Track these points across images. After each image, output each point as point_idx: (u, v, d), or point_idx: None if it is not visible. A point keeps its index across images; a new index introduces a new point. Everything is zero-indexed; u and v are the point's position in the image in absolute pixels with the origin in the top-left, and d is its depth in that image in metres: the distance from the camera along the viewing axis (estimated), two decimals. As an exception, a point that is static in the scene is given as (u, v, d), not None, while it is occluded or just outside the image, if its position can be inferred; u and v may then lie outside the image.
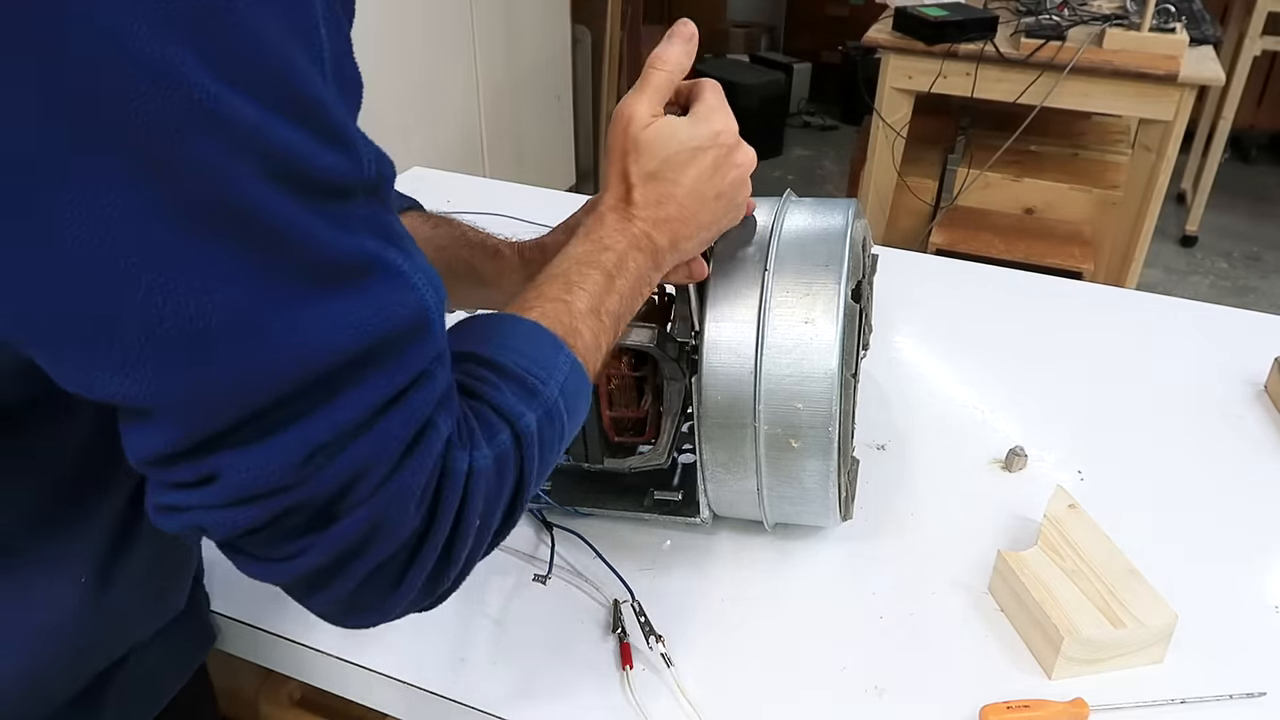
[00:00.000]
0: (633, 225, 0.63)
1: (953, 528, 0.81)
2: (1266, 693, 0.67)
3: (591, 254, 0.61)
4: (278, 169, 0.37)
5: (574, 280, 0.59)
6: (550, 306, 0.57)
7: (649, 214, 0.63)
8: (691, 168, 0.64)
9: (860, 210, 0.75)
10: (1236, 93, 3.12)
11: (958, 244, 2.31)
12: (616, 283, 0.60)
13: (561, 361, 0.54)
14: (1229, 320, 1.14)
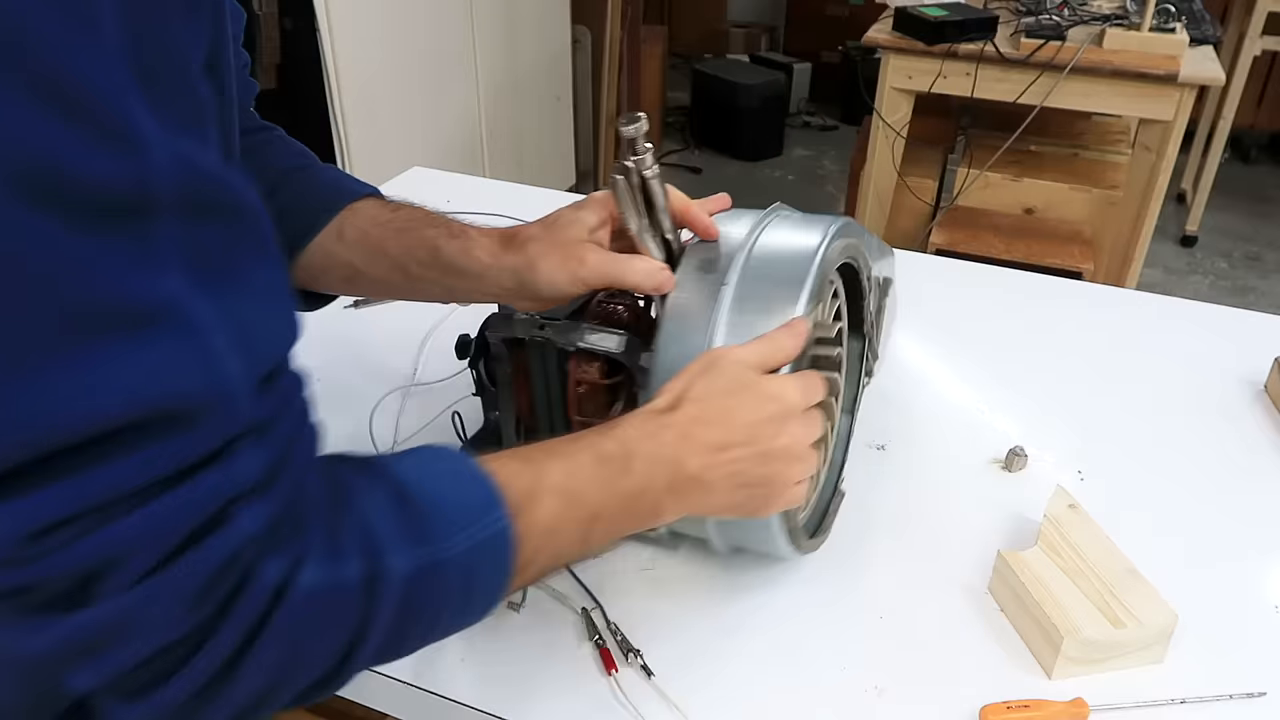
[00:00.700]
0: (663, 430, 0.57)
1: (953, 528, 0.81)
2: (1266, 693, 0.67)
3: (593, 435, 0.55)
4: (22, 177, 0.29)
5: (559, 452, 0.53)
6: (516, 465, 0.50)
7: (689, 429, 0.57)
8: (750, 404, 0.59)
9: (853, 229, 0.72)
10: (1236, 93, 3.12)
11: (958, 244, 2.30)
12: (608, 474, 0.53)
13: (487, 523, 0.46)
14: (1229, 320, 1.14)
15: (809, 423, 0.62)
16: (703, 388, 0.59)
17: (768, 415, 0.59)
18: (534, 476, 0.50)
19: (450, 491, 0.45)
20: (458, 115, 2.71)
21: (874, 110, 2.39)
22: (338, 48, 2.14)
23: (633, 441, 0.55)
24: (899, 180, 2.46)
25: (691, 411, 0.58)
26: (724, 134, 4.17)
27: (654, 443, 0.56)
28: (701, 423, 0.58)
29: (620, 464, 0.54)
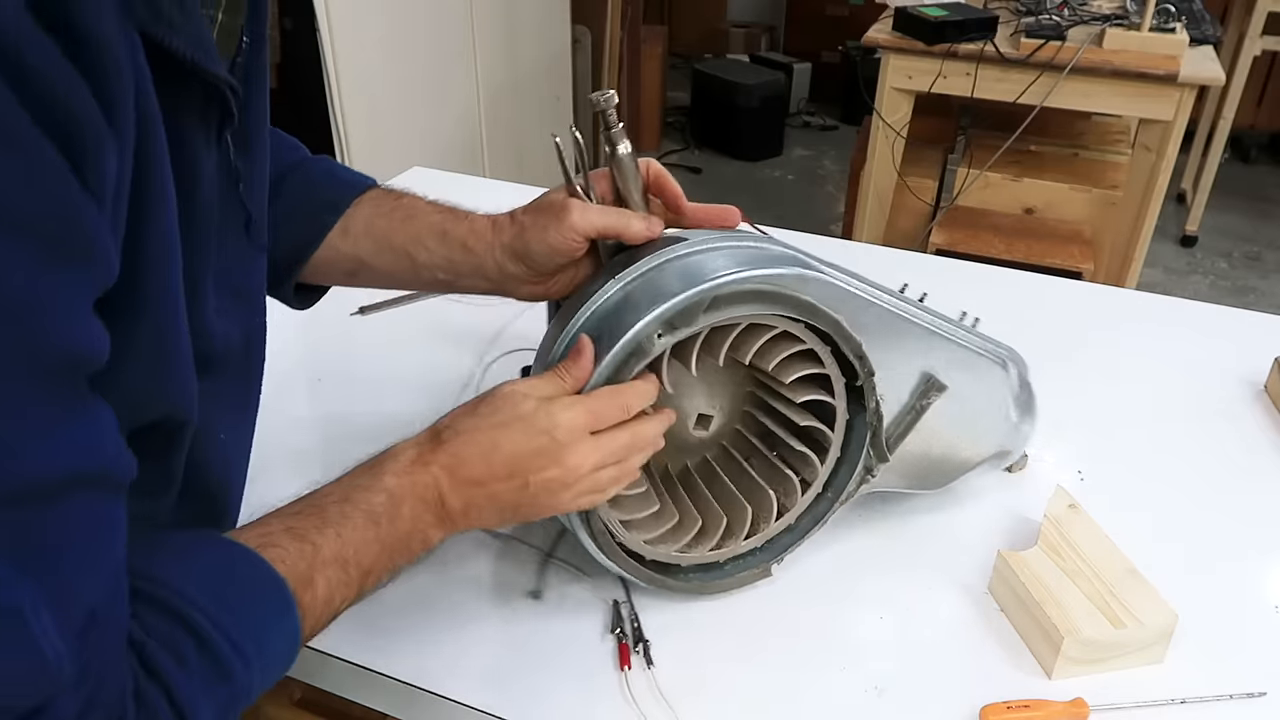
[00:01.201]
0: (425, 472, 0.58)
1: (953, 528, 0.81)
2: (1266, 693, 0.67)
3: (363, 490, 0.56)
4: None
5: (330, 519, 0.54)
6: (293, 548, 0.51)
7: (448, 466, 0.58)
8: (511, 440, 0.59)
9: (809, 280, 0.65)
10: (1236, 93, 3.12)
11: (958, 244, 2.31)
12: (380, 531, 0.55)
13: (282, 630, 0.49)
14: (1229, 320, 1.14)
15: (594, 448, 0.61)
16: (470, 421, 0.60)
17: (534, 448, 0.59)
18: (310, 556, 0.52)
19: (248, 614, 0.47)
20: (458, 115, 2.71)
21: (874, 110, 2.39)
22: (338, 48, 2.14)
23: (398, 490, 0.57)
24: (899, 180, 2.46)
25: (452, 448, 0.59)
26: (724, 134, 4.17)
27: (417, 486, 0.58)
28: (460, 459, 0.59)
29: (389, 516, 0.56)
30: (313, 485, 0.84)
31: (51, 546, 0.38)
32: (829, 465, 0.75)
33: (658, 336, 0.62)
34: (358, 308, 1.07)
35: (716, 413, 0.74)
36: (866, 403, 0.72)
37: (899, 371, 0.73)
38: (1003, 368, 0.78)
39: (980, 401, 0.78)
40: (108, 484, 0.41)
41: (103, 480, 0.40)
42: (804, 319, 0.67)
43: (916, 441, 0.76)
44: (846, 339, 0.68)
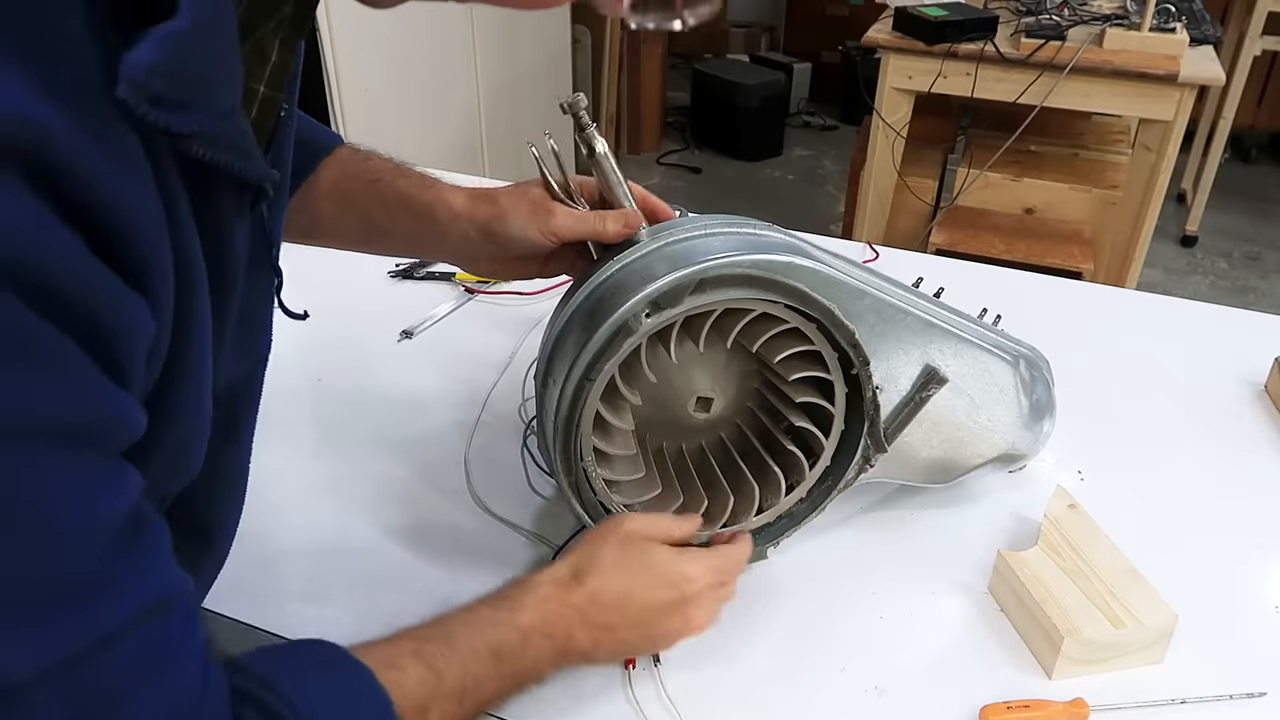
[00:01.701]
0: (561, 611, 0.59)
1: (953, 528, 0.81)
2: (1266, 693, 0.67)
3: (497, 624, 0.57)
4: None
5: (458, 647, 0.55)
6: (415, 674, 0.52)
7: (586, 610, 0.60)
8: (646, 590, 0.62)
9: (794, 270, 0.66)
10: (1236, 93, 3.12)
11: (958, 244, 2.31)
12: (504, 668, 0.56)
13: None
14: (1229, 320, 1.15)
15: (712, 602, 0.65)
16: (608, 562, 0.62)
17: (665, 601, 0.62)
18: (433, 685, 0.52)
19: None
20: (458, 115, 2.71)
21: (874, 110, 2.39)
22: (338, 48, 2.14)
23: (529, 627, 0.58)
24: (899, 180, 2.46)
25: (590, 589, 0.61)
26: (724, 134, 4.17)
27: (550, 624, 0.59)
28: (599, 604, 0.61)
29: (516, 655, 0.57)
30: (312, 486, 0.84)
31: (114, 690, 0.38)
32: (828, 454, 0.75)
33: (645, 316, 0.64)
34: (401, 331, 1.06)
35: (717, 396, 0.75)
36: (863, 392, 0.72)
37: (897, 362, 0.73)
38: (1013, 366, 0.78)
39: (986, 398, 0.78)
40: (167, 606, 0.41)
41: (163, 606, 0.41)
42: (795, 305, 0.67)
43: (918, 434, 0.76)
44: (839, 326, 0.68)
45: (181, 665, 0.41)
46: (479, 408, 0.94)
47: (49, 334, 0.33)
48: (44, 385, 0.34)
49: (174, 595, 0.41)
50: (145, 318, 0.38)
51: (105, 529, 0.38)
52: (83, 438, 0.36)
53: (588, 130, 0.70)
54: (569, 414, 0.66)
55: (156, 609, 0.40)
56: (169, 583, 0.41)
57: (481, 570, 0.76)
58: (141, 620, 0.39)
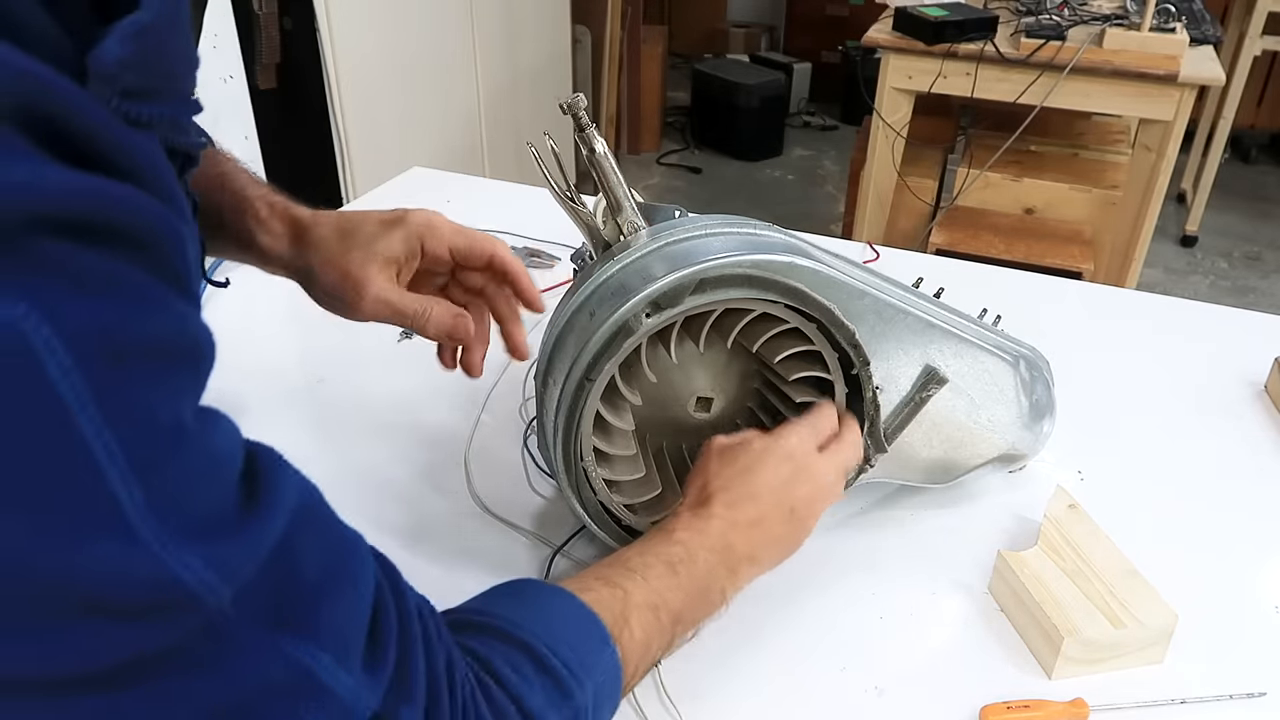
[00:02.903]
0: (709, 524, 0.62)
1: (953, 528, 0.81)
2: (1266, 693, 0.67)
3: (658, 545, 0.60)
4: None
5: (634, 567, 0.57)
6: (606, 592, 0.55)
7: (727, 515, 0.63)
8: (765, 475, 0.65)
9: (796, 271, 0.66)
10: (1236, 93, 3.12)
11: (958, 244, 2.31)
12: (681, 578, 0.58)
13: (604, 661, 0.51)
14: (1229, 320, 1.15)
15: (830, 459, 0.68)
16: (720, 474, 0.65)
17: (785, 476, 0.66)
18: (623, 599, 0.55)
19: (574, 641, 0.50)
20: (458, 115, 2.71)
21: (874, 110, 2.39)
22: (338, 48, 2.14)
23: (692, 542, 0.61)
24: (899, 180, 2.46)
25: (723, 499, 0.64)
26: (724, 134, 4.17)
27: (706, 537, 0.62)
28: (736, 508, 0.63)
29: (688, 565, 0.59)
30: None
31: (305, 589, 0.38)
32: None
33: (645, 316, 0.64)
34: (401, 331, 1.06)
35: (718, 396, 0.75)
36: (863, 392, 0.72)
37: (897, 362, 0.73)
38: (1014, 366, 0.78)
39: (986, 398, 0.78)
40: (313, 500, 0.41)
41: (310, 504, 0.41)
42: (794, 305, 0.67)
43: (918, 434, 0.76)
44: (839, 326, 0.69)
45: (350, 557, 0.42)
46: (479, 408, 0.94)
47: (114, 265, 0.32)
48: (131, 309, 0.33)
49: (317, 495, 0.42)
50: (191, 238, 0.37)
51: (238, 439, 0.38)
52: (192, 357, 0.36)
53: (587, 130, 0.70)
54: (569, 414, 0.66)
55: (307, 506, 0.40)
56: (307, 484, 0.41)
57: (481, 570, 0.76)
58: (302, 518, 0.39)
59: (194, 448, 0.34)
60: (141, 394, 0.32)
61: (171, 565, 0.32)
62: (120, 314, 0.32)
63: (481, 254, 0.70)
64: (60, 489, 0.30)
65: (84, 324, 0.30)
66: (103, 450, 0.30)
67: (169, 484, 0.33)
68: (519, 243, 1.23)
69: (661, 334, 0.68)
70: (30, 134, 0.30)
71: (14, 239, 0.29)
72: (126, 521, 0.31)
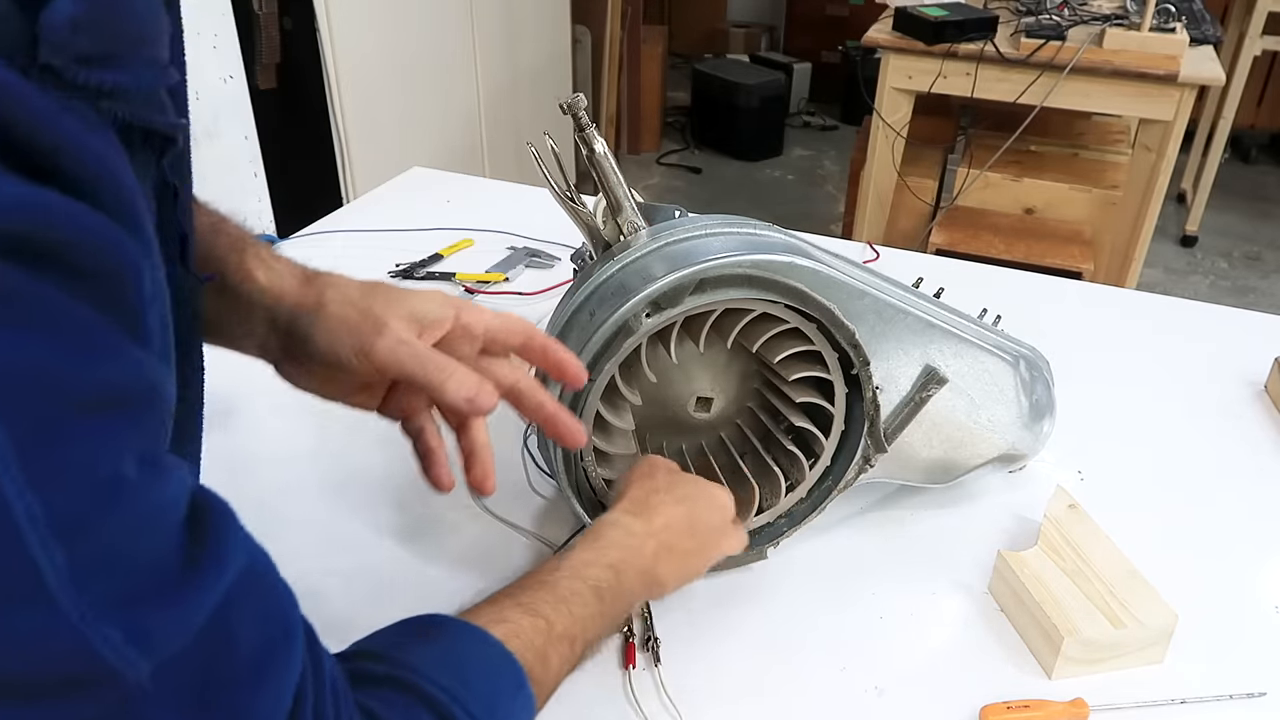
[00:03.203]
0: (645, 544, 0.62)
1: (953, 528, 0.81)
2: (1266, 693, 0.67)
3: (591, 564, 0.58)
4: None
5: (562, 594, 0.55)
6: (527, 623, 0.52)
7: (663, 536, 0.63)
8: (705, 513, 0.66)
9: (797, 269, 0.66)
10: (1236, 93, 3.12)
11: (958, 244, 2.30)
12: (605, 605, 0.57)
13: (516, 708, 0.49)
14: (1229, 320, 1.15)
15: (734, 533, 0.69)
16: (665, 495, 0.66)
17: (718, 523, 0.67)
18: (545, 632, 0.53)
19: (485, 690, 0.47)
20: (458, 115, 2.71)
21: (874, 110, 2.39)
22: (338, 48, 2.14)
23: (623, 564, 0.60)
24: (899, 180, 2.46)
25: (662, 520, 0.64)
26: (724, 134, 4.17)
27: (639, 559, 0.61)
28: (671, 530, 0.64)
29: (614, 592, 0.58)
30: (312, 486, 0.84)
31: (236, 672, 0.36)
32: (828, 453, 0.75)
33: (645, 316, 0.64)
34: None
35: (718, 395, 0.75)
36: (863, 392, 0.72)
37: (897, 362, 0.73)
38: (1013, 366, 0.78)
39: (986, 398, 0.78)
40: (261, 566, 0.39)
41: (256, 569, 0.38)
42: (794, 305, 0.67)
43: (918, 434, 0.76)
44: (839, 326, 0.69)
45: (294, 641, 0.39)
46: (479, 408, 0.94)
47: (68, 305, 0.30)
48: (70, 351, 0.30)
49: (265, 560, 0.39)
50: (149, 269, 0.34)
51: (180, 502, 0.35)
52: (139, 405, 0.33)
53: (587, 131, 0.70)
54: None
55: (249, 574, 0.37)
56: (257, 547, 0.39)
57: (481, 570, 0.76)
58: (243, 588, 0.36)
59: (131, 502, 0.32)
60: (75, 449, 0.29)
61: (90, 638, 0.30)
62: (57, 355, 0.29)
63: (517, 331, 0.61)
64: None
65: (13, 364, 0.27)
66: (23, 513, 0.28)
67: (98, 546, 0.30)
68: (519, 243, 1.23)
69: (661, 334, 0.68)
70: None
71: None
72: (46, 590, 0.29)
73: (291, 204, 1.96)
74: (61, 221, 0.29)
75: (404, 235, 1.23)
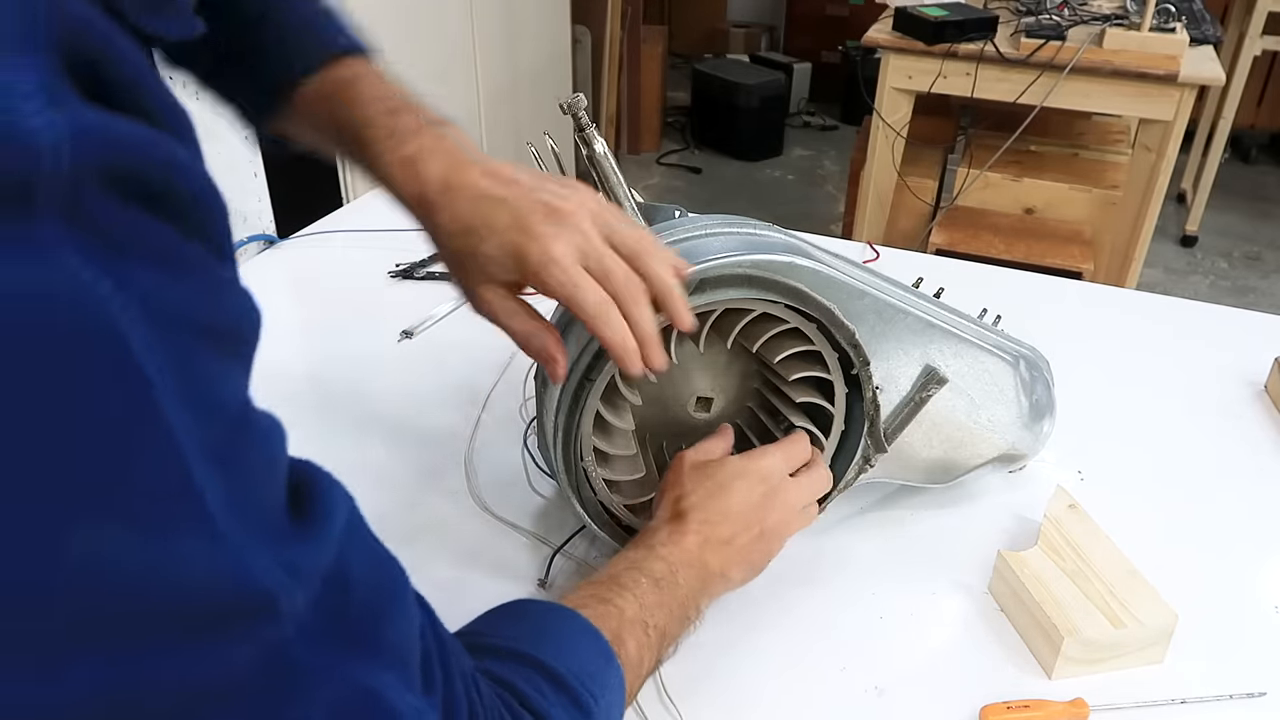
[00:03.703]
0: (685, 539, 0.63)
1: (953, 528, 0.81)
2: (1266, 693, 0.67)
3: (643, 559, 0.60)
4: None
5: (625, 584, 0.58)
6: (600, 609, 0.55)
7: (702, 531, 0.63)
8: (739, 495, 0.65)
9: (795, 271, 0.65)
10: (1236, 93, 3.12)
11: (958, 244, 2.31)
12: (665, 594, 0.59)
13: (612, 678, 0.51)
14: (1229, 320, 1.15)
15: (801, 486, 0.69)
16: (694, 490, 0.66)
17: (759, 498, 0.66)
18: (617, 616, 0.55)
19: (584, 659, 0.50)
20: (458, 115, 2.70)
21: (874, 110, 2.39)
22: (338, 48, 2.14)
23: (673, 558, 0.61)
24: (899, 180, 2.46)
25: (698, 516, 0.64)
26: (724, 134, 4.17)
27: (684, 553, 0.62)
28: (710, 524, 0.64)
29: (670, 583, 0.60)
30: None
31: (364, 607, 0.36)
32: (827, 455, 0.75)
33: None
34: (401, 331, 1.06)
35: (718, 396, 0.75)
36: (863, 392, 0.72)
37: (897, 362, 0.73)
38: (1014, 366, 0.78)
39: (986, 398, 0.78)
40: (357, 515, 0.39)
41: (355, 518, 0.39)
42: (794, 305, 0.67)
43: (918, 434, 0.76)
44: (839, 326, 0.68)
45: (403, 582, 0.40)
46: (479, 408, 0.94)
47: (178, 234, 0.30)
48: (199, 286, 0.30)
49: (358, 510, 0.40)
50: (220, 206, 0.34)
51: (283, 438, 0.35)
52: (250, 342, 0.33)
53: (587, 131, 0.70)
54: (569, 414, 0.66)
55: (353, 521, 0.38)
56: (351, 498, 0.40)
57: (481, 570, 0.76)
58: (350, 534, 0.37)
59: (261, 438, 0.32)
60: (217, 383, 0.30)
61: (252, 565, 0.30)
62: (189, 294, 0.29)
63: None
64: (144, 479, 0.27)
65: (160, 300, 0.28)
66: (185, 438, 0.28)
67: (243, 478, 0.30)
68: (519, 243, 1.23)
69: (662, 334, 0.68)
70: (76, 81, 0.27)
71: (90, 198, 0.26)
72: (209, 516, 0.28)
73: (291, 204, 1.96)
74: (164, 158, 0.29)
75: (404, 235, 1.23)
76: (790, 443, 0.70)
